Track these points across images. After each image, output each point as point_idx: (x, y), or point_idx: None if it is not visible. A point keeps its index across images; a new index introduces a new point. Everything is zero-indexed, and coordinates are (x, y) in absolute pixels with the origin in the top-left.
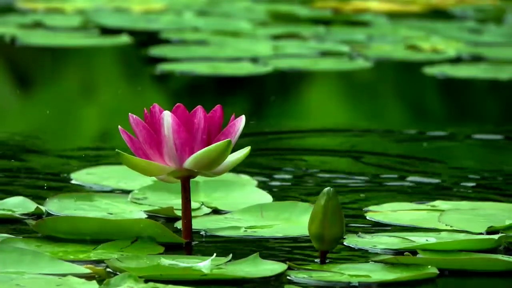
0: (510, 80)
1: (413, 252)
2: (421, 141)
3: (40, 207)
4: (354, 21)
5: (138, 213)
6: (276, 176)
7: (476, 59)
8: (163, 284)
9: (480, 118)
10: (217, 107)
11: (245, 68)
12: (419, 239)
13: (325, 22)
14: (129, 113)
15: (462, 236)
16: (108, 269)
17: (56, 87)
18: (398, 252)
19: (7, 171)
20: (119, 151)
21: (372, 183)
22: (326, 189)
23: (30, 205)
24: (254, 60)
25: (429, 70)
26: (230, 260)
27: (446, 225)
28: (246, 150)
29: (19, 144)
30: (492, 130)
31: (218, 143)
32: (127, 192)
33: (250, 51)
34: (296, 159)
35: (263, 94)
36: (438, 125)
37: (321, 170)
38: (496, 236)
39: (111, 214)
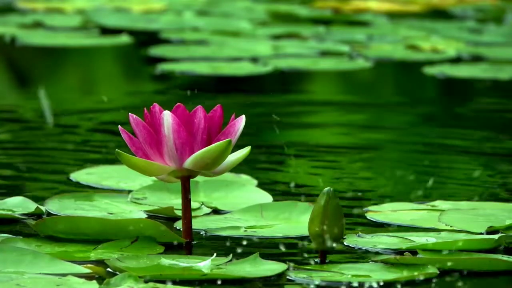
0: (510, 80)
1: (413, 252)
2: (420, 140)
3: (40, 207)
4: (354, 21)
5: (138, 213)
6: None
7: (476, 59)
8: (163, 284)
9: (479, 117)
10: (217, 107)
11: (245, 68)
12: (419, 239)
13: (325, 22)
14: (129, 113)
15: (462, 236)
16: (108, 269)
17: (56, 87)
18: (398, 252)
19: (7, 171)
20: (119, 151)
21: (373, 183)
22: (326, 189)
23: (30, 205)
24: (254, 60)
25: (429, 70)
26: (230, 260)
27: (446, 225)
28: (246, 150)
29: (19, 144)
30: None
31: (218, 143)
32: (127, 192)
33: (250, 51)
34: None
35: (263, 94)
36: (438, 125)
37: (321, 169)
38: (496, 236)
39: (111, 214)
